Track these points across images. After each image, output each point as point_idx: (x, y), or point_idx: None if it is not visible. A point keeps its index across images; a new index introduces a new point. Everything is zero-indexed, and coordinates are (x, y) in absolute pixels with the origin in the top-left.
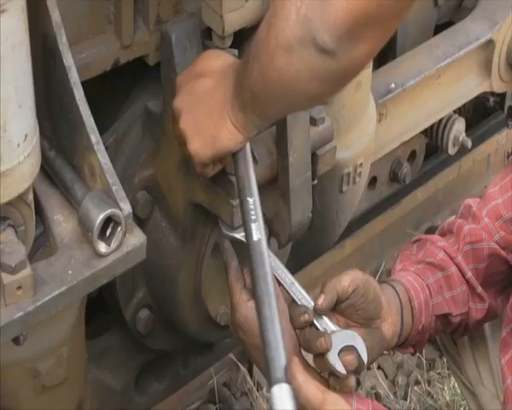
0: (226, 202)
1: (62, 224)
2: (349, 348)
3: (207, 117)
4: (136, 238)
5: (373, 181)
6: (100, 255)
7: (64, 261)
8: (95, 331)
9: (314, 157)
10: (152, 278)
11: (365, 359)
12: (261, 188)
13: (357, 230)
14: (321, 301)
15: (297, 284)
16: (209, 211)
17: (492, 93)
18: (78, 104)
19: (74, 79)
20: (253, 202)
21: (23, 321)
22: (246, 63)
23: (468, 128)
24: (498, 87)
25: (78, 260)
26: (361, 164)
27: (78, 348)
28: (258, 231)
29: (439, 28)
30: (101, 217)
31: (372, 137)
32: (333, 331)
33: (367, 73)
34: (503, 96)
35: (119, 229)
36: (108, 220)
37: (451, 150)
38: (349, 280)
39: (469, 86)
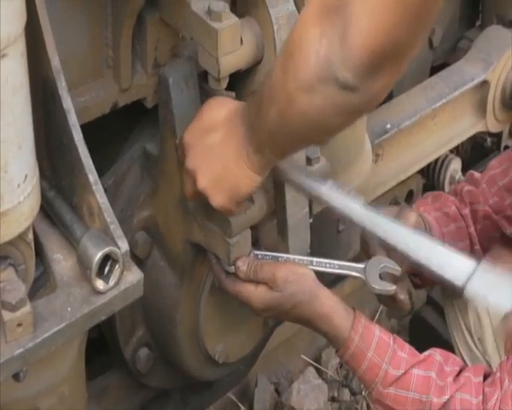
0: (223, 241)
1: (62, 262)
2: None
3: (224, 170)
4: (133, 275)
5: None
6: (98, 292)
7: (63, 298)
8: (95, 371)
9: None
10: (151, 317)
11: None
12: (258, 225)
13: None
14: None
15: None
16: (206, 251)
17: (489, 133)
18: (76, 145)
19: (73, 121)
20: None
21: (23, 357)
22: (257, 107)
23: (466, 168)
24: (493, 127)
25: (77, 297)
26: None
27: (78, 387)
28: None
29: (435, 70)
30: (99, 255)
31: (368, 176)
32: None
33: None
34: (499, 136)
35: (117, 266)
36: (106, 258)
37: (448, 189)
38: None
39: (465, 126)
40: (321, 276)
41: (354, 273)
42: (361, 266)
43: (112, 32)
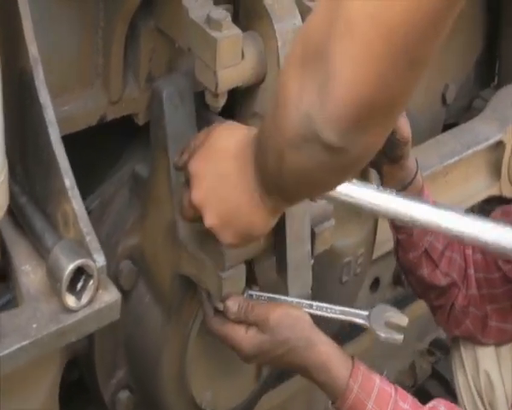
0: (214, 274)
1: (30, 274)
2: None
3: (237, 210)
4: (109, 295)
5: (375, 283)
6: (69, 310)
7: (29, 314)
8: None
9: (312, 234)
10: (133, 357)
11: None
12: (254, 261)
13: (358, 336)
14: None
15: None
16: (196, 286)
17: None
18: (52, 145)
19: (50, 117)
20: None
21: None
22: (259, 149)
23: None
24: (508, 191)
25: (44, 313)
26: (362, 254)
27: None
28: None
29: (447, 129)
30: (70, 267)
31: (373, 227)
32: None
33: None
34: None
35: (91, 282)
36: (80, 272)
37: None
38: None
39: (478, 188)
40: (325, 325)
41: (357, 320)
42: (365, 313)
43: (103, 37)
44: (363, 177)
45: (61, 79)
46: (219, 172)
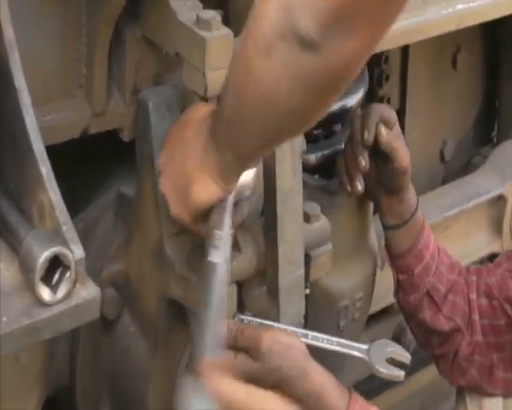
0: (203, 294)
1: (3, 271)
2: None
3: (184, 174)
4: (88, 290)
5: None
6: (43, 304)
7: None
8: None
9: (307, 258)
10: (118, 392)
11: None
12: (246, 284)
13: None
14: None
15: None
16: (184, 317)
17: None
18: (28, 131)
19: (25, 101)
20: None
21: None
22: (225, 87)
23: None
24: (510, 248)
25: (15, 307)
26: (360, 298)
27: None
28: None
29: None
30: (45, 254)
31: (373, 269)
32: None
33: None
34: None
35: (68, 275)
36: (56, 265)
37: None
38: None
39: (479, 244)
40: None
41: (356, 353)
42: (364, 346)
43: (86, 44)
44: (361, 210)
45: (42, 89)
46: (180, 140)
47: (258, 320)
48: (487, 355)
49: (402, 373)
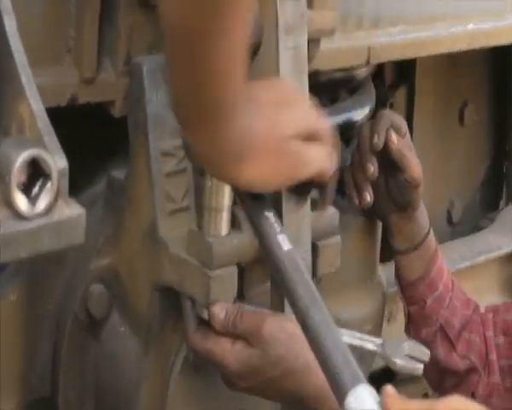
0: (201, 275)
1: None
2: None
3: None
4: (71, 209)
5: None
6: (20, 216)
7: None
8: None
9: (314, 248)
10: (105, 401)
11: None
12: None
13: None
14: None
15: None
16: (179, 317)
17: None
18: (7, 36)
19: (5, 4)
20: (273, 215)
21: None
22: None
23: None
24: None
25: None
26: (369, 332)
27: None
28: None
29: None
30: (22, 155)
31: (382, 301)
32: None
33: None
34: None
35: (49, 185)
36: (35, 177)
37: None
38: None
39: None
40: None
41: (370, 347)
42: (379, 340)
43: (75, 4)
44: (370, 231)
45: (26, 50)
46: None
47: (261, 310)
48: (507, 399)
49: (420, 366)
